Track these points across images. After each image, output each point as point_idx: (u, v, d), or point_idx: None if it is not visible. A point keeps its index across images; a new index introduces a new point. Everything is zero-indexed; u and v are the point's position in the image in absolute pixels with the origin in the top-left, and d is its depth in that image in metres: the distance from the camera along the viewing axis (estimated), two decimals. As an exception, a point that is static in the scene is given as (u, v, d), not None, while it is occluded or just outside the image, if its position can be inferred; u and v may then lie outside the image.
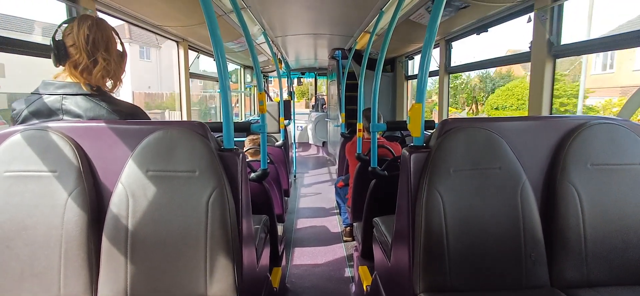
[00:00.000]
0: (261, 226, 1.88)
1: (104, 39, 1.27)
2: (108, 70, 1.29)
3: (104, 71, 1.27)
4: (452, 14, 2.56)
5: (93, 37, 1.24)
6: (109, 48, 1.29)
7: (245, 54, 5.01)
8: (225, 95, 1.42)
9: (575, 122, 1.35)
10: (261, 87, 2.28)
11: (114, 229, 1.16)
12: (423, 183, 1.26)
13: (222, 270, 1.18)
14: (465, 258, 1.24)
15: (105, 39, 1.27)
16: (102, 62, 1.26)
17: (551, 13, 2.04)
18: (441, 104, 3.55)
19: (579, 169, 1.28)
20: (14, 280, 1.14)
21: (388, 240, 1.68)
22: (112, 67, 1.30)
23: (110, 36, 1.29)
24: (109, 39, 1.29)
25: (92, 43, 1.24)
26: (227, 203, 1.20)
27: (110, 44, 1.30)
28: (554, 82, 2.12)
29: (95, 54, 1.25)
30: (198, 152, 1.20)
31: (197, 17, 2.69)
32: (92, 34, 1.24)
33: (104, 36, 1.27)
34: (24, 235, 1.13)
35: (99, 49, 1.26)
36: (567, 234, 1.27)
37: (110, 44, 1.29)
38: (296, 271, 2.91)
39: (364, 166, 2.69)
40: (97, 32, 1.25)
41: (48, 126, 1.18)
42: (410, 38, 3.86)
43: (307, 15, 3.40)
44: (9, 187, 1.14)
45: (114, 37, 1.32)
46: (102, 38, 1.26)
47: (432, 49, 1.37)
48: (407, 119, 1.45)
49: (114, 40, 1.32)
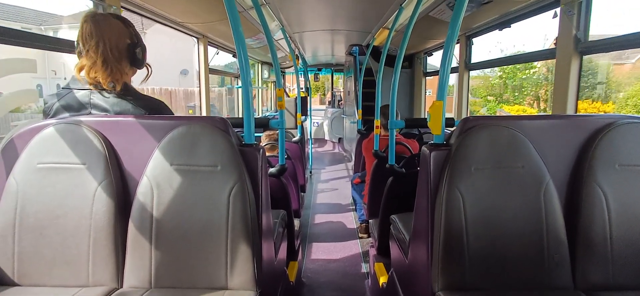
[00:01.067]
0: (279, 220, 1.91)
1: (95, 35, 1.24)
2: (97, 66, 1.25)
3: (94, 68, 1.25)
4: (473, 9, 2.51)
5: (84, 33, 1.24)
6: (100, 43, 1.25)
7: (262, 50, 5.05)
8: (246, 91, 1.44)
9: (603, 121, 1.31)
10: (280, 83, 2.30)
11: (140, 220, 1.20)
12: (443, 181, 1.25)
13: (242, 263, 1.21)
14: (485, 257, 1.23)
15: (97, 34, 1.25)
16: (89, 59, 1.25)
17: (578, 8, 1.97)
18: (461, 101, 3.50)
19: (606, 170, 1.25)
20: (46, 266, 1.19)
21: (406, 237, 1.67)
22: (98, 65, 1.25)
23: (104, 31, 1.26)
24: (103, 33, 1.25)
25: (84, 40, 1.25)
26: (248, 198, 1.22)
27: (105, 38, 1.26)
28: (580, 79, 2.06)
29: (87, 49, 1.25)
30: (220, 147, 1.22)
31: (217, 13, 2.73)
32: (86, 30, 1.24)
33: (95, 32, 1.25)
34: (56, 224, 1.19)
35: (89, 45, 1.24)
36: (592, 236, 1.24)
37: (103, 39, 1.25)
38: (312, 266, 2.93)
39: (381, 163, 2.68)
40: (87, 28, 1.25)
41: (78, 120, 1.23)
42: (429, 34, 3.81)
43: (325, 11, 3.40)
44: (42, 177, 1.19)
45: (119, 30, 1.30)
46: (91, 34, 1.24)
47: (454, 46, 1.35)
48: (426, 116, 1.44)
49: (117, 34, 1.29)
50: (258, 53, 5.57)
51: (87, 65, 1.25)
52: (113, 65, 1.28)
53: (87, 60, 1.25)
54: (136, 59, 1.35)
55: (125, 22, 1.34)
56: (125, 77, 1.33)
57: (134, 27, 1.36)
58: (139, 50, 1.35)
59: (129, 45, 1.32)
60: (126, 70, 1.34)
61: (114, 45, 1.28)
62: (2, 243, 1.18)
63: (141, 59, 1.37)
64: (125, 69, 1.33)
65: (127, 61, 1.33)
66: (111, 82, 1.28)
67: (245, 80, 1.44)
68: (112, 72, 1.28)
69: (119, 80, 1.30)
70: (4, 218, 1.18)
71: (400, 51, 2.33)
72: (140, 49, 1.36)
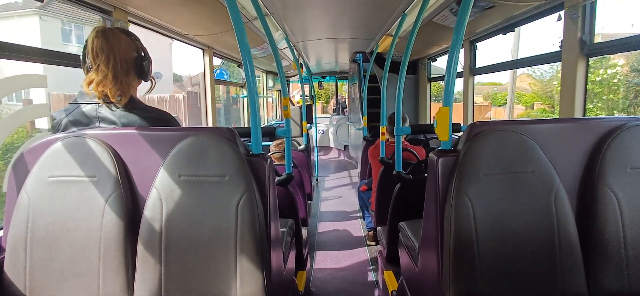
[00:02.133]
0: (287, 230, 1.90)
1: (105, 50, 1.27)
2: (107, 80, 1.27)
3: (104, 82, 1.27)
4: (477, 15, 2.51)
5: (95, 48, 1.27)
6: (110, 57, 1.27)
7: (266, 59, 5.09)
8: (253, 100, 1.45)
9: (613, 123, 1.29)
10: (286, 91, 2.32)
11: (149, 232, 1.21)
12: (451, 188, 1.24)
13: (251, 273, 1.20)
14: (496, 264, 1.22)
15: (108, 48, 1.27)
16: (100, 73, 1.27)
17: (583, 11, 1.97)
18: (466, 106, 3.48)
19: (617, 173, 1.23)
20: (57, 279, 1.20)
21: (415, 244, 1.66)
22: (109, 79, 1.27)
23: (113, 45, 1.28)
24: (112, 47, 1.28)
25: (95, 54, 1.27)
26: (256, 207, 1.22)
27: (114, 52, 1.28)
28: (587, 82, 2.05)
29: (97, 63, 1.27)
30: (227, 157, 1.23)
31: (223, 25, 2.76)
32: (96, 45, 1.27)
33: (105, 46, 1.27)
34: (66, 237, 1.19)
35: (99, 59, 1.27)
36: (605, 240, 1.22)
37: (113, 53, 1.28)
38: (320, 275, 2.91)
39: (388, 169, 2.67)
40: (98, 43, 1.27)
41: (86, 133, 1.24)
42: (433, 40, 3.81)
43: (328, 20, 3.43)
44: (53, 191, 1.20)
45: (127, 44, 1.33)
46: (102, 48, 1.27)
47: (459, 51, 1.35)
48: (433, 122, 1.43)
49: (125, 48, 1.32)
50: (263, 62, 5.62)
51: (98, 80, 1.27)
52: (122, 79, 1.30)
53: (98, 75, 1.28)
54: (143, 72, 1.38)
55: (132, 36, 1.37)
56: (131, 89, 1.35)
57: (139, 40, 1.39)
58: (145, 63, 1.38)
59: (136, 58, 1.35)
60: (133, 83, 1.36)
61: (123, 59, 1.31)
62: (14, 257, 1.19)
63: (147, 72, 1.39)
64: (133, 82, 1.36)
65: (135, 74, 1.36)
66: (119, 95, 1.30)
67: (251, 90, 1.45)
68: (121, 86, 1.30)
69: (126, 93, 1.32)
70: (16, 231, 1.19)
71: (404, 57, 2.34)
72: (147, 62, 1.38)
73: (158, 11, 2.29)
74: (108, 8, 1.96)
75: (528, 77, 13.65)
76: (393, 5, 2.73)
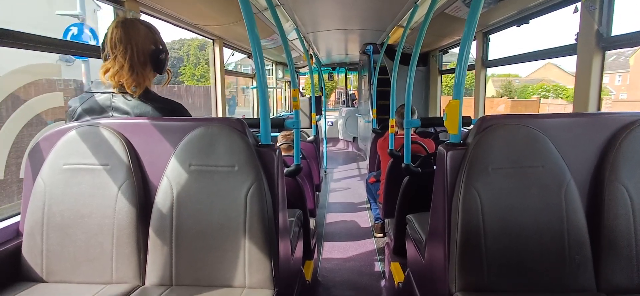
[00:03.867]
0: (295, 220, 1.92)
1: (123, 40, 1.29)
2: (124, 71, 1.29)
3: (120, 72, 1.29)
4: (491, 6, 2.47)
5: (114, 38, 1.29)
6: (128, 48, 1.29)
7: (276, 50, 5.09)
8: (262, 91, 1.46)
9: (627, 119, 1.27)
10: (295, 83, 2.32)
11: (160, 219, 1.24)
12: (460, 181, 1.24)
13: (259, 262, 1.23)
14: (504, 258, 1.21)
15: (126, 39, 1.29)
16: (117, 63, 1.29)
17: (600, 2, 1.91)
18: (477, 99, 3.44)
19: (630, 169, 1.21)
20: (72, 264, 1.24)
21: (422, 237, 1.66)
22: (125, 69, 1.29)
23: (132, 36, 1.30)
24: (131, 38, 1.30)
25: (113, 44, 1.29)
26: (265, 197, 1.24)
27: (132, 43, 1.30)
28: (602, 76, 2.00)
29: (115, 54, 1.29)
30: (237, 147, 1.24)
31: (233, 15, 2.77)
32: (114, 35, 1.29)
33: (123, 37, 1.29)
34: (81, 223, 1.23)
35: (117, 49, 1.29)
36: (616, 237, 1.20)
37: (131, 44, 1.30)
38: (327, 265, 2.94)
39: (397, 162, 2.67)
40: (117, 33, 1.29)
41: (100, 123, 1.27)
42: (444, 32, 3.76)
43: (339, 11, 3.40)
44: (68, 178, 1.24)
45: (145, 35, 1.34)
46: (120, 39, 1.29)
47: (471, 43, 1.33)
48: (443, 115, 1.42)
49: (143, 39, 1.33)
50: (272, 53, 5.62)
51: (114, 69, 1.30)
52: (138, 70, 1.32)
53: (115, 65, 1.30)
54: (159, 64, 1.39)
55: (151, 28, 1.38)
56: (147, 81, 1.37)
57: (159, 33, 1.40)
58: (162, 56, 1.39)
59: (154, 50, 1.36)
60: (149, 75, 1.38)
61: (140, 51, 1.33)
62: (31, 241, 1.23)
63: (164, 64, 1.41)
64: (149, 74, 1.38)
65: (151, 66, 1.38)
66: (134, 86, 1.32)
67: (261, 81, 1.45)
68: (137, 77, 1.32)
69: (141, 84, 1.34)
70: (33, 217, 1.23)
71: (415, 49, 2.31)
72: (164, 54, 1.40)
73: (170, 1, 2.30)
74: (120, -2, 1.98)
75: (554, 67, 12.67)
76: (404, -4, 2.70)
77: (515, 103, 18.91)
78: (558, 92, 12.32)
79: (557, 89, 12.53)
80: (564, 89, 12.64)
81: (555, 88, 12.42)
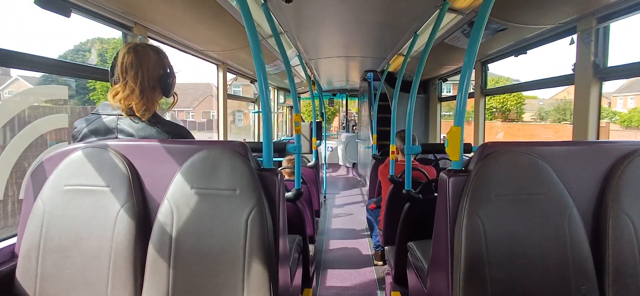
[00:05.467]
0: (295, 246, 1.90)
1: (134, 66, 1.31)
2: (134, 95, 1.31)
3: (130, 96, 1.31)
4: (489, 37, 2.53)
5: (125, 63, 1.31)
6: (139, 74, 1.32)
7: (278, 75, 5.17)
8: (266, 116, 1.47)
9: (628, 148, 1.28)
10: (297, 108, 2.34)
11: (159, 242, 1.22)
12: (462, 208, 1.23)
13: (258, 288, 1.20)
14: (508, 288, 1.19)
15: (137, 64, 1.32)
16: (128, 88, 1.31)
17: (596, 34, 1.97)
18: (477, 127, 3.47)
19: (632, 198, 1.21)
20: (66, 287, 1.21)
21: (424, 265, 1.63)
22: (136, 94, 1.31)
23: (143, 61, 1.33)
24: (141, 64, 1.32)
25: (124, 69, 1.31)
26: (266, 222, 1.22)
27: (143, 69, 1.33)
28: (600, 105, 2.03)
29: (126, 78, 1.31)
30: (239, 171, 1.24)
31: (237, 41, 2.83)
32: (125, 60, 1.32)
33: (135, 62, 1.31)
34: (79, 245, 1.21)
35: (128, 74, 1.31)
36: (621, 267, 1.18)
37: (141, 70, 1.32)
38: (326, 293, 2.87)
39: (397, 188, 2.66)
40: (129, 58, 1.31)
41: (104, 144, 1.27)
42: (444, 60, 3.84)
43: (341, 39, 3.48)
44: (68, 200, 1.23)
45: (155, 61, 1.37)
46: (132, 64, 1.31)
47: (471, 72, 1.36)
48: (444, 142, 1.43)
49: (153, 65, 1.36)
50: (274, 79, 5.70)
51: (125, 94, 1.32)
52: (148, 94, 1.35)
53: (126, 89, 1.32)
54: (167, 88, 1.42)
55: (160, 53, 1.41)
56: (155, 105, 1.39)
57: (167, 57, 1.43)
58: (170, 80, 1.42)
59: (162, 75, 1.39)
60: (157, 99, 1.40)
61: (150, 76, 1.35)
62: (27, 264, 1.21)
63: (171, 88, 1.44)
64: (157, 97, 1.40)
65: (160, 90, 1.40)
66: (144, 110, 1.34)
67: (265, 106, 1.47)
68: (147, 101, 1.34)
69: (150, 108, 1.36)
70: (30, 238, 1.22)
71: (415, 77, 2.36)
72: (171, 79, 1.43)
73: (176, 27, 2.36)
74: (129, 24, 2.03)
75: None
76: (405, 26, 2.77)
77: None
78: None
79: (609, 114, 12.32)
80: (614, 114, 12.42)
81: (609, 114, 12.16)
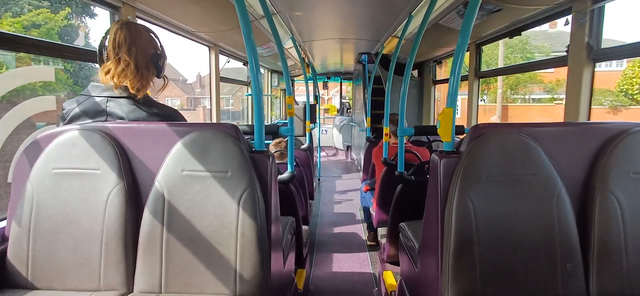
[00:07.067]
0: (287, 227, 1.91)
1: (128, 41, 1.29)
2: (129, 70, 1.30)
3: (125, 71, 1.29)
4: (484, 18, 2.51)
5: (118, 39, 1.29)
6: (133, 49, 1.30)
7: (271, 58, 5.11)
8: (258, 98, 1.46)
9: (616, 128, 1.29)
10: (290, 90, 2.32)
11: (151, 225, 1.22)
12: (453, 189, 1.24)
13: (251, 270, 1.21)
14: (497, 267, 1.21)
15: (130, 40, 1.30)
16: (122, 62, 1.29)
17: (591, 15, 1.96)
18: (471, 109, 3.48)
19: (620, 178, 1.22)
20: (59, 270, 1.21)
21: (415, 245, 1.66)
22: (131, 69, 1.30)
23: (136, 38, 1.31)
24: (135, 40, 1.31)
25: (117, 45, 1.29)
26: (258, 204, 1.22)
27: (137, 45, 1.31)
28: (592, 87, 2.03)
29: (119, 54, 1.29)
30: (230, 153, 1.23)
31: (229, 23, 2.78)
32: (118, 36, 1.29)
33: (128, 37, 1.29)
34: (70, 228, 1.21)
35: (121, 50, 1.29)
36: (606, 245, 1.21)
37: (135, 45, 1.30)
38: (319, 273, 2.92)
39: (390, 170, 2.67)
40: (122, 34, 1.29)
41: (93, 126, 1.25)
42: (439, 42, 3.81)
43: (334, 21, 3.43)
44: (57, 182, 1.22)
45: (147, 39, 1.35)
46: (125, 39, 1.29)
47: (464, 54, 1.35)
48: (436, 124, 1.43)
49: (145, 42, 1.34)
50: (268, 61, 5.63)
51: (119, 69, 1.29)
52: (143, 71, 1.32)
53: (120, 64, 1.29)
54: (159, 69, 1.39)
55: (151, 32, 1.38)
56: (148, 85, 1.37)
57: (158, 37, 1.40)
58: (162, 61, 1.40)
59: (154, 54, 1.36)
60: (151, 79, 1.38)
61: (144, 53, 1.33)
62: (18, 247, 1.20)
63: (162, 69, 1.41)
64: (151, 77, 1.37)
65: (154, 69, 1.37)
66: (138, 88, 1.31)
67: (256, 88, 1.45)
68: (141, 78, 1.32)
69: (145, 86, 1.34)
70: (19, 221, 1.21)
71: (409, 59, 2.34)
72: (163, 60, 1.40)
73: (166, 7, 2.31)
74: (116, 3, 1.98)
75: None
76: (400, 7, 2.73)
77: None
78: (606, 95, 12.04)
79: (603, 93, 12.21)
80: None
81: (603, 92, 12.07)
